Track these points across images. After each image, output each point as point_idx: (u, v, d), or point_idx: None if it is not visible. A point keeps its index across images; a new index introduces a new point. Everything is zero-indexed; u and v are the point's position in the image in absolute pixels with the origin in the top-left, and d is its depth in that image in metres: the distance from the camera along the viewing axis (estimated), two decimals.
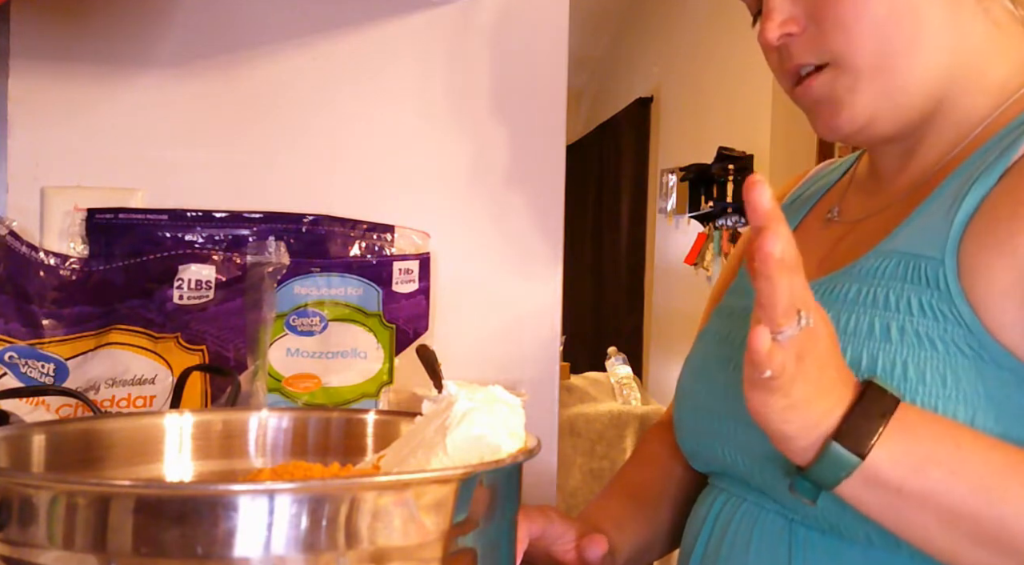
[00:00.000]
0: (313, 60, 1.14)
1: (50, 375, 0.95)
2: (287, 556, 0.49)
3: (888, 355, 0.70)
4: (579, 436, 3.25)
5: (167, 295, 1.01)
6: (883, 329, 0.72)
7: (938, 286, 0.70)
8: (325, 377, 1.05)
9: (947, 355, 0.69)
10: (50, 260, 1.01)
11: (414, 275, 1.10)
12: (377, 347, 1.07)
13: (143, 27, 1.09)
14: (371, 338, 1.07)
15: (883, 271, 0.74)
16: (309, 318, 1.06)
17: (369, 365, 1.07)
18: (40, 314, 0.98)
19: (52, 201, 1.04)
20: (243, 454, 0.75)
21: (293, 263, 1.06)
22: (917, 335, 0.70)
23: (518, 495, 0.62)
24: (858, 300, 0.74)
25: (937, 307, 0.70)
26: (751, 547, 0.79)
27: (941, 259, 0.71)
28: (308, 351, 1.06)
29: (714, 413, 0.84)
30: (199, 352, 0.99)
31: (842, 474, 0.63)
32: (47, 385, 0.92)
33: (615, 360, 3.61)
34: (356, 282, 1.08)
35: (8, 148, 1.05)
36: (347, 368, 1.06)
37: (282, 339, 1.05)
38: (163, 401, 0.97)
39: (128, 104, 1.08)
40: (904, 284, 0.72)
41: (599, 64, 6.32)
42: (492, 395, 0.61)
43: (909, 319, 0.71)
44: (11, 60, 1.05)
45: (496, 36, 1.18)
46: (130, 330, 0.99)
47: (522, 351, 1.19)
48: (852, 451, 0.63)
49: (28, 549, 0.51)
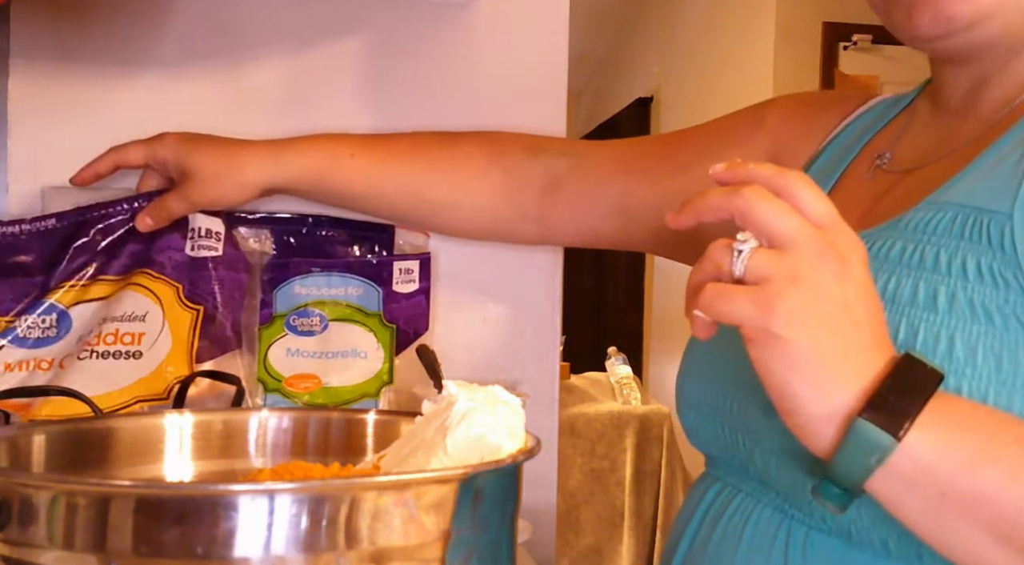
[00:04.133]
0: (313, 60, 1.14)
1: (53, 326, 0.95)
2: (287, 556, 0.49)
3: (932, 327, 0.60)
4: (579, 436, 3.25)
5: (178, 244, 1.00)
6: (928, 295, 0.61)
7: (1002, 246, 0.59)
8: (325, 377, 1.05)
9: (1006, 331, 0.58)
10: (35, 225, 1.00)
11: (414, 275, 1.10)
12: (377, 347, 1.07)
13: (143, 27, 1.09)
14: (371, 338, 1.07)
15: (935, 226, 0.63)
16: (309, 318, 1.06)
17: (369, 365, 1.06)
18: (40, 280, 0.97)
19: (52, 201, 1.04)
20: (243, 454, 0.75)
21: (293, 263, 1.06)
22: (971, 305, 0.59)
23: (518, 495, 0.62)
24: (901, 259, 0.64)
25: (1000, 272, 0.59)
26: (740, 546, 0.70)
27: (1009, 214, 0.60)
28: (308, 351, 1.05)
29: (718, 385, 0.73)
30: (196, 311, 0.99)
31: (873, 461, 0.52)
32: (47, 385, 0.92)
33: (615, 360, 3.61)
34: (357, 282, 1.08)
35: (8, 148, 1.05)
36: (347, 368, 1.06)
37: (282, 339, 1.05)
38: (151, 341, 0.96)
39: (128, 104, 1.08)
40: (960, 242, 0.61)
41: (599, 64, 6.32)
42: (492, 395, 0.61)
43: (963, 285, 0.60)
44: (11, 60, 1.05)
45: (496, 36, 1.17)
46: (145, 272, 0.99)
47: (522, 351, 1.19)
48: (885, 430, 0.51)
49: (28, 549, 0.51)
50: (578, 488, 3.22)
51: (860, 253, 0.55)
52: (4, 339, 0.94)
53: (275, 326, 1.05)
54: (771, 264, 0.53)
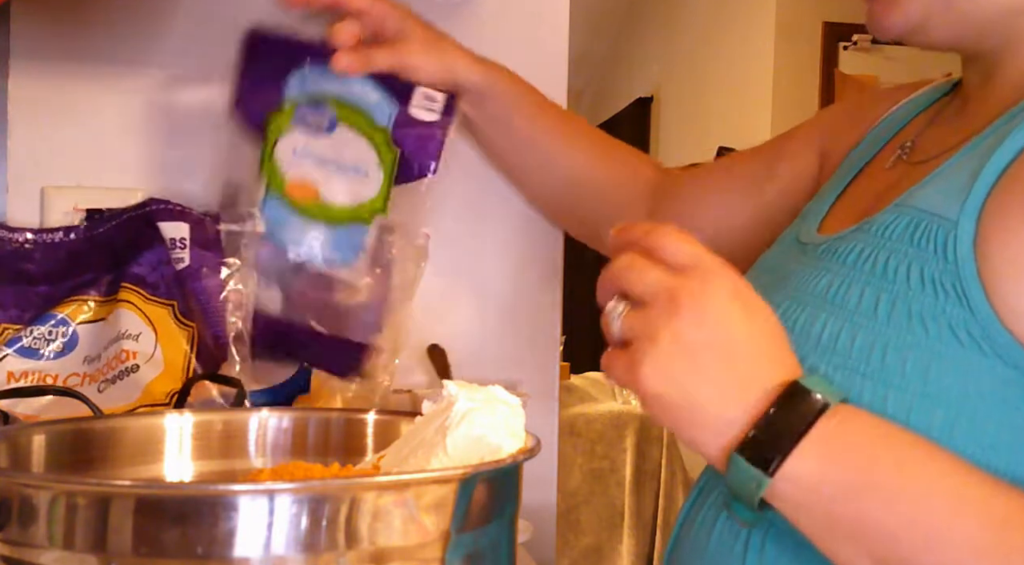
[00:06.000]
0: None
1: (58, 340, 0.94)
2: (287, 556, 0.49)
3: (870, 334, 0.60)
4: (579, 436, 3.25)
5: (165, 257, 0.98)
6: (871, 302, 0.61)
7: (945, 255, 0.59)
8: (325, 187, 0.97)
9: (939, 341, 0.58)
10: (42, 237, 1.00)
11: (436, 105, 0.99)
12: (378, 167, 0.97)
13: (143, 27, 1.09)
14: (373, 155, 0.98)
15: (892, 231, 0.63)
16: (319, 113, 0.97)
17: (367, 187, 0.97)
18: (44, 291, 0.97)
19: (52, 201, 1.04)
20: (243, 454, 0.75)
21: (313, 51, 0.98)
22: (908, 313, 0.59)
23: (518, 495, 0.62)
24: (855, 264, 0.64)
25: (940, 281, 0.59)
26: (709, 545, 0.69)
27: (955, 221, 0.59)
28: (314, 154, 0.97)
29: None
30: (190, 329, 0.97)
31: (754, 488, 0.53)
32: (47, 385, 0.91)
33: None
34: (374, 88, 0.98)
35: (8, 148, 1.05)
36: (346, 183, 0.98)
37: (290, 136, 0.97)
38: (144, 359, 0.94)
39: (128, 104, 1.08)
40: (910, 248, 0.61)
41: (599, 64, 6.32)
42: (492, 395, 0.61)
43: (904, 292, 0.60)
44: (11, 60, 1.05)
45: (496, 36, 1.17)
46: (130, 288, 0.97)
47: (522, 351, 1.19)
48: (756, 466, 0.53)
49: (28, 549, 0.51)
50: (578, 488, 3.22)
51: (723, 286, 0.55)
52: (10, 348, 0.94)
53: (285, 115, 0.97)
54: (635, 324, 0.56)
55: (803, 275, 0.69)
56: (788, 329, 0.59)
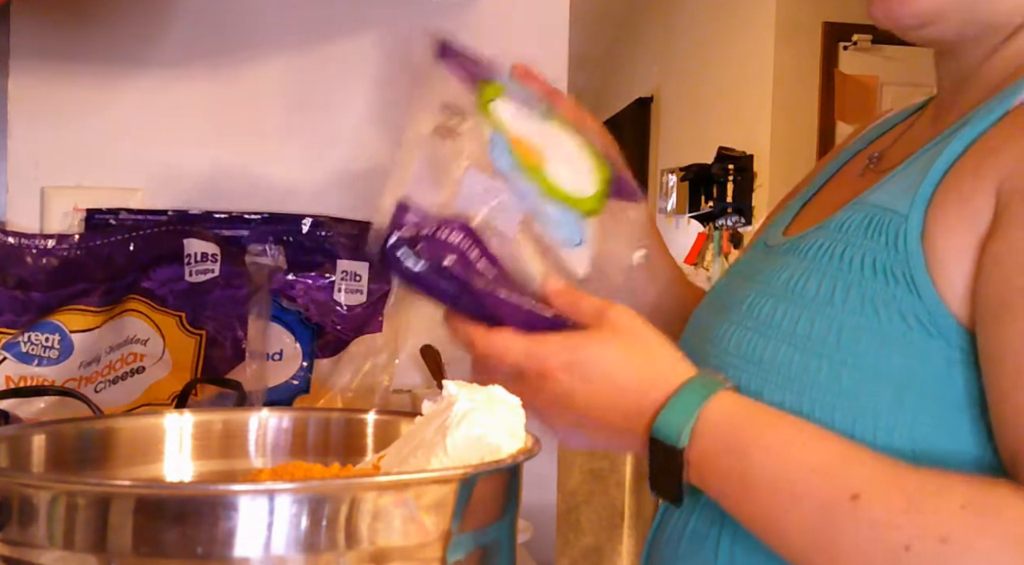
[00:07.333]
0: (313, 60, 1.14)
1: (55, 347, 0.95)
2: (287, 556, 0.49)
3: (826, 319, 0.64)
4: None
5: (178, 273, 1.00)
6: (828, 290, 0.65)
7: (896, 246, 0.63)
8: (550, 160, 0.78)
9: (889, 325, 0.62)
10: (48, 243, 1.00)
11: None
12: (593, 171, 0.81)
13: (143, 27, 1.09)
14: (588, 158, 0.81)
15: (849, 225, 0.67)
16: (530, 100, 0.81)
17: (584, 183, 0.79)
18: (38, 298, 0.97)
19: (52, 201, 1.04)
20: (243, 454, 0.75)
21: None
22: (862, 299, 0.63)
23: (518, 495, 0.62)
24: (816, 257, 0.68)
25: (891, 270, 0.63)
26: (680, 544, 0.72)
27: (905, 216, 0.63)
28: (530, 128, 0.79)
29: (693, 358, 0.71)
30: (199, 336, 0.99)
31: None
32: (47, 385, 0.92)
33: None
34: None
35: (8, 148, 1.05)
36: (567, 169, 0.78)
37: (503, 102, 0.78)
38: (152, 363, 0.97)
39: (128, 104, 1.08)
40: (864, 240, 0.65)
41: (599, 64, 6.32)
42: (492, 395, 0.61)
43: (859, 280, 0.64)
44: (11, 60, 1.05)
45: (496, 36, 1.17)
46: (138, 299, 0.99)
47: None
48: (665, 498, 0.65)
49: (28, 549, 0.51)
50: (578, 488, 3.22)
51: (559, 375, 0.65)
52: (7, 352, 0.94)
53: (495, 87, 0.79)
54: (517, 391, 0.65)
55: (768, 272, 0.72)
56: (753, 319, 0.68)
